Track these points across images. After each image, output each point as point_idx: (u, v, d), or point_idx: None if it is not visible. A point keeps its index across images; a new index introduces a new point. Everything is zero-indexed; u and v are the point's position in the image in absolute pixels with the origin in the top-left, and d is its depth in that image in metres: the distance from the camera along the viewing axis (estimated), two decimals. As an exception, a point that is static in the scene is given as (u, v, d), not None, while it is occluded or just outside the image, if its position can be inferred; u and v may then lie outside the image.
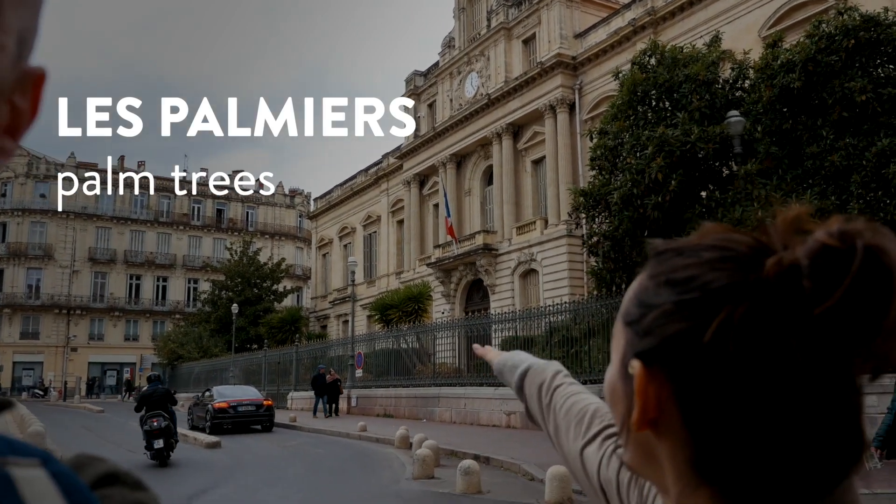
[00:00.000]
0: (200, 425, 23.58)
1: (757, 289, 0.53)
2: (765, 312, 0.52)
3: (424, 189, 45.02)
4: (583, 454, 1.02)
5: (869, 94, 12.99)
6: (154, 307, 65.77)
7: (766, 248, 0.56)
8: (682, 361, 0.55)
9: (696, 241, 0.59)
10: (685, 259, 0.58)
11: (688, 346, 0.55)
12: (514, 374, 1.26)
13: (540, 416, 1.18)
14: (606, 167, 16.30)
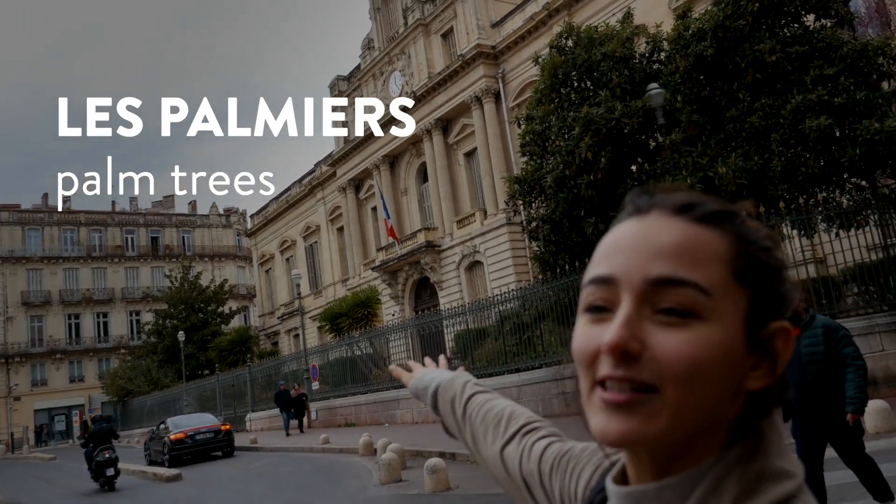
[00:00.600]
0: (159, 459, 23.06)
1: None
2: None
3: (361, 193, 44.80)
4: (503, 454, 1.04)
5: (778, 55, 13.38)
6: (97, 345, 63.96)
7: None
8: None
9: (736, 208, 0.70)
10: (761, 229, 0.70)
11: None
12: (427, 395, 1.29)
13: (456, 428, 1.20)
14: (537, 152, 16.44)
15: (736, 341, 0.64)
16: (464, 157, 36.71)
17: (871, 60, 13.58)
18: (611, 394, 0.64)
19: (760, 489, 0.63)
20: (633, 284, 0.66)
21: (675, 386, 0.62)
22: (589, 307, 0.69)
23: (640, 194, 0.72)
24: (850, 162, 12.76)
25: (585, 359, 0.67)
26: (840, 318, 12.84)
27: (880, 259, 13.59)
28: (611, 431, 0.64)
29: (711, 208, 0.68)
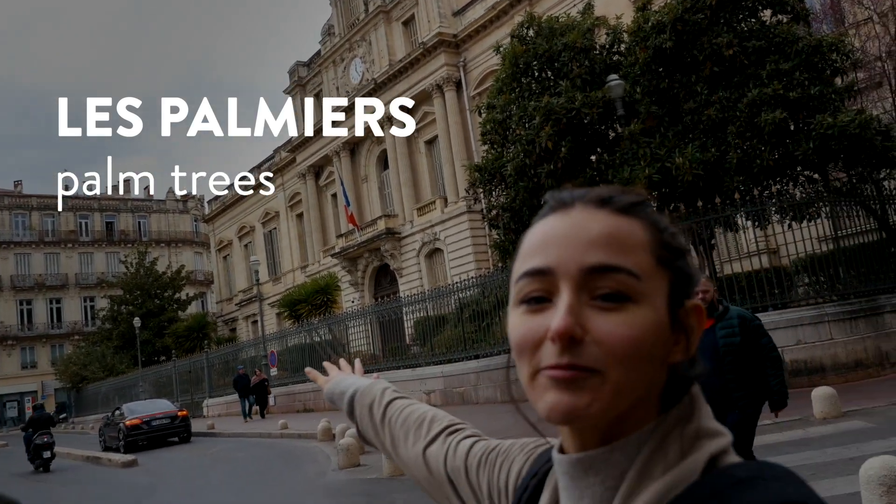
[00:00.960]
0: (114, 445, 22.77)
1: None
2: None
3: (321, 180, 44.50)
4: (426, 453, 1.08)
5: (736, 49, 13.61)
6: (50, 331, 62.65)
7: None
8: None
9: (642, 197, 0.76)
10: (664, 216, 0.76)
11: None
12: (343, 400, 1.32)
13: (373, 432, 1.23)
14: (498, 140, 16.51)
15: (663, 320, 0.70)
16: (425, 144, 36.66)
17: (826, 56, 13.88)
18: (560, 371, 0.68)
19: (699, 445, 0.69)
20: (571, 274, 0.69)
21: (616, 366, 0.67)
22: (525, 298, 0.73)
23: (559, 192, 0.77)
24: (803, 155, 13.06)
25: (528, 348, 0.71)
26: (791, 307, 13.19)
27: (831, 250, 13.96)
28: (561, 405, 0.68)
29: (629, 200, 0.74)
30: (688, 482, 0.66)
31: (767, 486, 0.62)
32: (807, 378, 12.22)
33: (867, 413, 9.35)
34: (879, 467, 4.67)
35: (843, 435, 8.28)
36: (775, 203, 14.04)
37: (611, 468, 0.70)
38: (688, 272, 0.74)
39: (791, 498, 0.60)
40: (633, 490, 0.68)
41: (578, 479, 0.73)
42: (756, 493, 0.62)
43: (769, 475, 0.64)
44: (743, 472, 0.65)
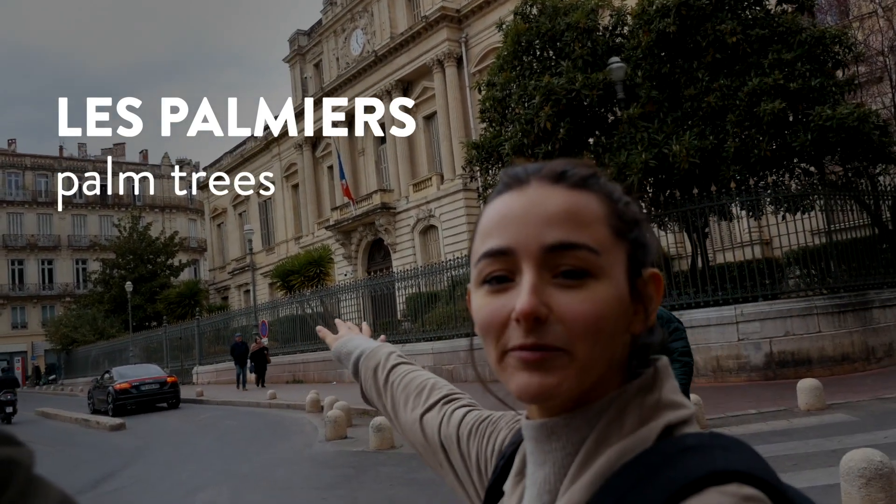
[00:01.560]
0: (102, 409, 22.86)
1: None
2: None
3: (317, 151, 44.34)
4: (422, 420, 1.10)
5: (739, 36, 13.54)
6: (41, 292, 62.57)
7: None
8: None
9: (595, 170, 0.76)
10: (618, 186, 0.76)
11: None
12: (350, 360, 1.35)
13: (375, 394, 1.26)
14: (496, 119, 16.44)
15: (623, 292, 0.71)
16: (423, 120, 36.51)
17: (828, 48, 13.84)
18: (527, 352, 0.69)
19: (657, 415, 0.71)
20: (532, 253, 0.70)
21: (580, 343, 0.68)
22: (487, 278, 0.73)
23: (513, 168, 0.78)
24: (801, 147, 13.05)
25: (495, 329, 0.71)
26: (781, 298, 13.25)
27: (823, 244, 14.00)
28: (532, 386, 0.69)
29: (583, 173, 0.74)
30: (642, 448, 0.68)
31: (714, 453, 0.63)
32: (793, 370, 12.32)
33: (851, 406, 9.44)
34: (860, 459, 4.73)
35: (827, 427, 8.36)
36: (770, 194, 14.06)
37: (571, 434, 0.72)
38: (644, 241, 0.75)
39: (736, 466, 0.61)
40: (590, 455, 0.70)
41: (542, 444, 0.74)
42: (702, 460, 0.63)
43: (718, 444, 0.65)
44: (694, 440, 0.67)
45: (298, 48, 45.26)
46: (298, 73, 45.35)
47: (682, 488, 0.60)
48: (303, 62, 45.17)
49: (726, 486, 0.60)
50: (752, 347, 12.72)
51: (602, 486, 0.67)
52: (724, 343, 12.94)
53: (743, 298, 13.24)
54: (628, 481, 0.65)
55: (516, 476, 0.82)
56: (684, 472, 0.62)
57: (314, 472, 9.51)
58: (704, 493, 0.59)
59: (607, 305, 0.69)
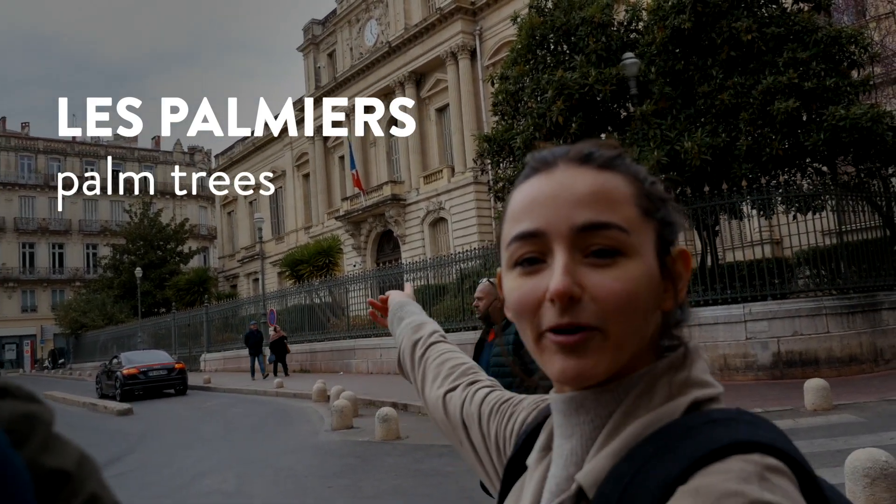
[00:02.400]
0: (110, 393, 23.02)
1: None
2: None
3: (329, 141, 44.36)
4: (446, 397, 1.14)
5: (754, 34, 13.46)
6: (51, 276, 62.92)
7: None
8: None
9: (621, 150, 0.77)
10: (640, 166, 0.77)
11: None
12: (399, 326, 1.40)
13: (409, 364, 1.31)
14: (509, 112, 16.40)
15: (654, 269, 0.72)
16: (435, 112, 36.48)
17: (844, 48, 13.74)
18: (564, 336, 0.70)
19: (686, 391, 0.72)
20: (563, 234, 0.71)
21: (614, 321, 0.69)
22: (519, 261, 0.74)
23: (539, 152, 0.79)
24: (813, 146, 12.98)
25: (529, 310, 0.73)
26: (790, 298, 13.20)
27: (834, 245, 13.94)
28: (569, 370, 0.70)
29: (609, 154, 0.75)
30: (668, 420, 0.69)
31: (739, 426, 0.65)
32: (800, 370, 12.28)
33: (858, 407, 9.41)
34: (865, 459, 4.73)
35: (833, 427, 8.34)
36: (781, 193, 13.99)
37: (600, 408, 0.73)
38: (671, 220, 0.76)
39: (760, 438, 0.63)
40: (617, 427, 0.71)
41: (570, 417, 0.75)
42: (726, 430, 0.64)
43: (743, 419, 0.66)
44: (720, 414, 0.68)
45: (312, 37, 45.25)
46: (312, 63, 45.35)
47: (705, 455, 0.61)
48: (316, 52, 45.16)
49: (749, 455, 0.61)
50: (759, 346, 12.69)
51: (626, 454, 0.68)
52: (731, 342, 12.91)
53: (752, 297, 13.20)
54: (652, 449, 0.66)
55: (541, 451, 0.83)
56: (708, 440, 0.63)
57: (319, 461, 9.56)
58: (727, 460, 0.60)
59: (639, 283, 0.70)
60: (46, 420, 0.65)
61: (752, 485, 0.58)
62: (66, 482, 0.64)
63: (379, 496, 7.30)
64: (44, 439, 0.64)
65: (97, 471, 0.70)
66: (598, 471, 0.69)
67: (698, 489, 0.59)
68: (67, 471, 0.65)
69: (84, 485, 0.66)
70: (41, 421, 0.64)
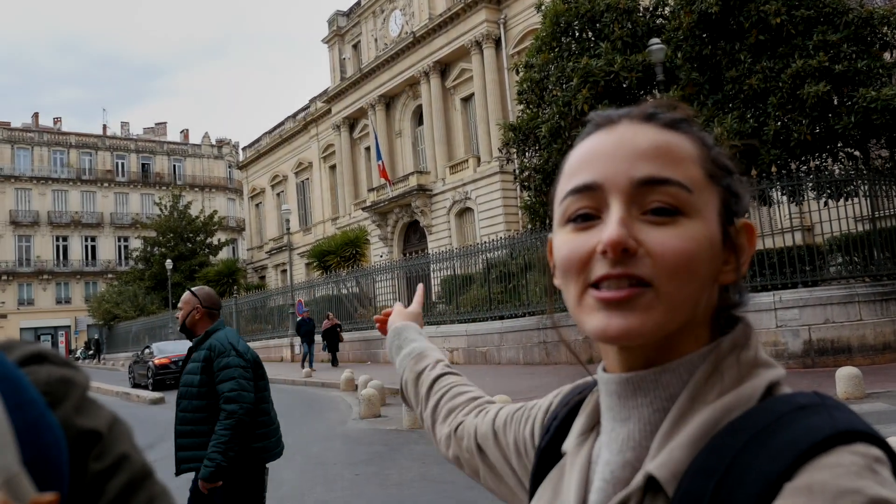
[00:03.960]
0: (143, 383, 23.38)
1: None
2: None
3: (355, 132, 44.48)
4: (457, 430, 1.08)
5: (783, 17, 13.26)
6: (84, 268, 63.91)
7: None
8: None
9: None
10: (708, 134, 0.75)
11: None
12: (399, 356, 1.31)
13: (413, 396, 1.24)
14: (534, 101, 16.34)
15: (716, 235, 0.69)
16: (460, 102, 36.41)
17: (876, 29, 13.50)
18: (608, 292, 0.66)
19: (756, 373, 0.68)
20: (621, 187, 0.68)
21: (669, 279, 0.65)
22: (572, 217, 0.71)
23: (603, 112, 0.76)
24: (844, 130, 12.78)
25: (577, 264, 0.69)
26: (821, 285, 13.02)
27: (867, 231, 13.72)
28: (612, 328, 0.66)
29: (675, 115, 0.73)
30: (746, 407, 0.65)
31: (832, 413, 0.61)
32: (832, 358, 12.13)
33: (891, 396, 9.28)
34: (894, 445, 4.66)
35: (865, 416, 8.02)
36: (812, 179, 13.80)
37: (660, 390, 0.69)
38: (737, 191, 0.73)
39: (858, 426, 0.59)
40: (685, 412, 0.67)
41: (626, 399, 0.71)
42: (822, 419, 0.60)
43: (829, 404, 0.63)
44: (804, 399, 0.64)
45: (337, 29, 45.32)
46: (337, 55, 45.45)
47: (810, 448, 0.58)
48: (341, 43, 45.24)
49: (853, 445, 0.57)
50: (790, 334, 12.55)
51: (708, 445, 0.63)
52: (761, 330, 12.76)
53: (782, 285, 13.05)
54: (739, 440, 0.62)
55: (581, 435, 0.79)
56: (808, 431, 0.59)
57: (348, 449, 9.64)
58: (833, 453, 0.57)
59: (699, 244, 0.66)
60: (81, 384, 0.69)
61: (865, 480, 0.55)
62: (97, 441, 0.68)
63: (406, 483, 7.35)
64: (78, 402, 0.68)
65: (129, 433, 0.74)
66: (676, 462, 0.64)
67: (811, 487, 0.55)
68: (99, 431, 0.68)
69: (114, 445, 0.70)
70: (76, 384, 0.68)
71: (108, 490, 0.67)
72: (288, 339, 29.14)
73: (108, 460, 0.68)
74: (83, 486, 0.66)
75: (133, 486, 0.70)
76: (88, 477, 0.66)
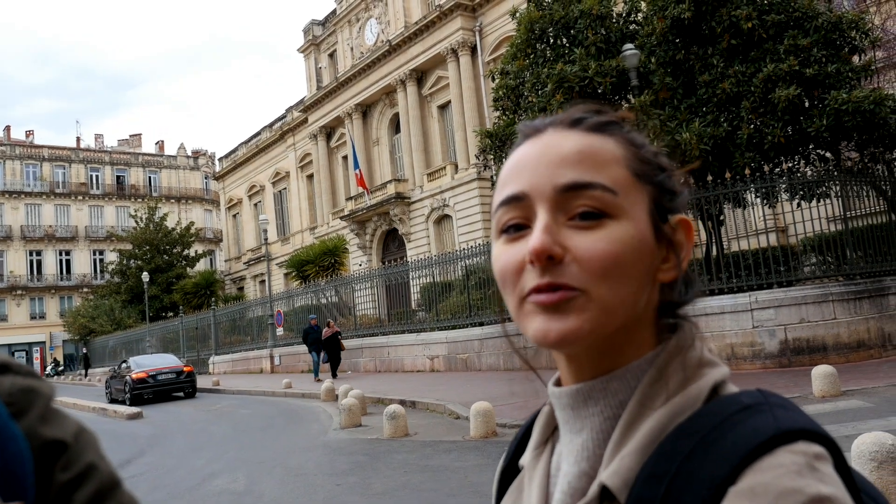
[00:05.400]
0: (120, 398, 23.12)
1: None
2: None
3: (332, 141, 44.40)
4: None
5: (755, 22, 13.41)
6: (59, 282, 63.13)
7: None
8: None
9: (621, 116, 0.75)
10: (640, 134, 0.75)
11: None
12: None
13: None
14: (510, 107, 16.40)
15: (646, 234, 0.69)
16: (437, 109, 36.48)
17: (845, 33, 13.69)
18: (544, 295, 0.67)
19: (702, 373, 0.69)
20: (546, 195, 0.68)
21: (599, 282, 0.66)
22: (504, 228, 0.72)
23: (530, 121, 0.76)
24: (816, 132, 12.94)
25: (511, 275, 0.70)
26: (796, 285, 13.17)
27: (839, 231, 13.90)
28: (551, 332, 0.66)
29: (601, 119, 0.73)
30: (692, 409, 0.66)
31: (775, 412, 0.62)
32: (808, 357, 12.26)
33: (866, 393, 9.39)
34: (871, 443, 4.72)
35: (841, 413, 8.33)
36: (785, 180, 13.96)
37: (610, 397, 0.70)
38: (671, 188, 0.73)
39: (801, 424, 0.60)
40: (635, 419, 0.67)
41: (578, 410, 0.71)
42: (765, 419, 0.61)
43: (774, 402, 0.64)
44: (748, 398, 0.65)
45: (313, 38, 45.26)
46: (313, 64, 45.37)
47: (752, 450, 0.58)
48: (317, 52, 45.18)
49: (794, 444, 0.59)
50: (766, 334, 12.67)
51: (657, 451, 0.64)
52: (738, 330, 12.89)
53: (758, 286, 13.18)
54: (685, 445, 0.62)
55: (536, 448, 0.79)
56: (750, 432, 0.60)
57: (329, 459, 9.58)
58: (775, 454, 0.58)
59: (626, 245, 0.67)
60: (46, 394, 0.68)
61: (806, 479, 0.56)
62: (63, 451, 0.67)
63: (388, 493, 7.32)
64: (42, 412, 0.66)
65: (96, 443, 0.73)
66: (627, 470, 0.65)
67: (753, 489, 0.56)
68: (65, 441, 0.67)
69: (81, 455, 0.69)
70: (40, 395, 0.67)
71: (76, 500, 0.66)
72: (267, 351, 28.96)
73: (74, 470, 0.67)
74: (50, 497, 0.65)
75: (101, 496, 0.69)
76: (55, 487, 0.65)
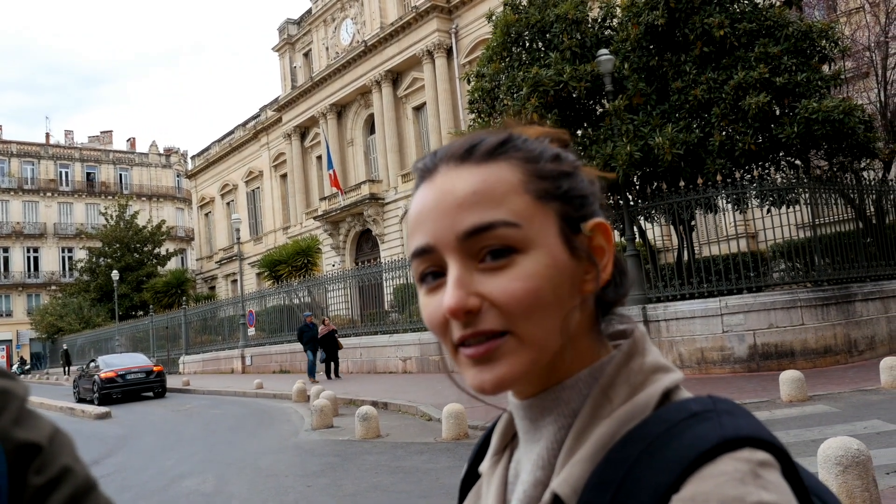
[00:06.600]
0: (88, 397, 22.82)
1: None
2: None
3: (306, 141, 44.18)
4: None
5: (727, 30, 13.58)
6: (26, 280, 62.09)
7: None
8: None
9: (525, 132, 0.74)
10: (543, 139, 0.73)
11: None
12: None
13: None
14: (485, 110, 16.43)
15: (559, 256, 0.67)
16: (412, 111, 36.45)
17: (815, 43, 13.90)
18: (471, 349, 0.66)
19: (653, 379, 0.69)
20: (450, 244, 0.67)
21: (522, 322, 0.65)
22: (422, 277, 0.71)
23: (422, 160, 0.74)
24: (787, 140, 13.13)
25: (438, 328, 0.69)
26: (765, 291, 13.34)
27: (808, 238, 14.11)
28: (486, 382, 0.66)
29: (490, 144, 0.70)
30: (642, 416, 0.66)
31: (721, 419, 0.62)
32: (776, 362, 12.43)
33: (832, 398, 9.54)
34: (837, 448, 4.79)
35: (808, 418, 8.45)
36: (755, 187, 14.13)
37: (562, 406, 0.70)
38: (580, 192, 0.71)
39: (745, 431, 0.61)
40: (586, 427, 0.67)
41: (535, 421, 0.72)
42: (711, 426, 0.61)
43: (722, 409, 0.64)
44: (697, 405, 0.65)
45: (288, 37, 45.01)
46: (288, 63, 45.13)
47: (697, 458, 0.59)
48: (292, 51, 44.93)
49: (738, 451, 0.59)
50: (735, 339, 12.82)
51: (605, 459, 0.64)
52: (708, 335, 13.03)
53: (728, 291, 13.33)
54: (633, 452, 0.62)
55: (494, 455, 0.79)
56: (695, 440, 0.60)
57: (300, 460, 9.54)
58: (718, 462, 0.58)
59: (541, 277, 0.66)
60: (19, 395, 0.67)
61: (748, 486, 0.56)
62: (37, 454, 0.66)
63: (359, 494, 7.30)
64: (16, 414, 0.65)
65: (71, 445, 0.72)
66: (576, 478, 0.65)
67: (695, 497, 0.57)
68: (39, 443, 0.66)
69: (56, 458, 0.68)
70: (14, 396, 0.66)
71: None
72: (238, 351, 28.74)
73: (49, 473, 0.66)
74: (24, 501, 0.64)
75: (76, 499, 0.68)
76: (29, 491, 0.65)
